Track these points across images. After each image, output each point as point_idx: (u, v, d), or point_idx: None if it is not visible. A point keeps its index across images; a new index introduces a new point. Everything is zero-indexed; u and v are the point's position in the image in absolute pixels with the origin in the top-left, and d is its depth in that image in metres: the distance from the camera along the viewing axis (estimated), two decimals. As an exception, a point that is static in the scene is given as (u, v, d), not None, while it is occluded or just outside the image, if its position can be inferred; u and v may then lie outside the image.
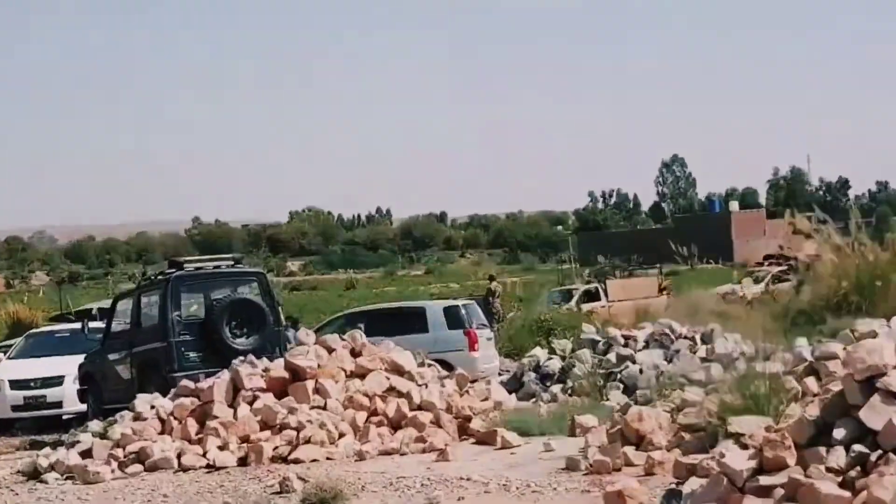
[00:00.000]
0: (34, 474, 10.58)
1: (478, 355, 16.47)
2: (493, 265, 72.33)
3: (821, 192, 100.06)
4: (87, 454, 10.70)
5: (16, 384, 16.30)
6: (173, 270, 15.19)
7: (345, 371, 11.84)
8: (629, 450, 8.60)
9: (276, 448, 10.41)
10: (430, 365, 12.86)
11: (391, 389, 11.60)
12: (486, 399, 12.34)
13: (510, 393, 13.31)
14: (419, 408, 11.34)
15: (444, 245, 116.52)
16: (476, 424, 11.10)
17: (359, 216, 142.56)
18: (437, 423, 11.08)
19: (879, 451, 6.25)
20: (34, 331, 20.00)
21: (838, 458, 6.45)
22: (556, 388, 13.64)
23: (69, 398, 16.04)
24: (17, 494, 9.81)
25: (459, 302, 19.07)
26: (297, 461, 10.07)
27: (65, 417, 16.11)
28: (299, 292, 53.97)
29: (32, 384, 16.32)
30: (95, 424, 11.85)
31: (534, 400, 13.31)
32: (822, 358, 8.54)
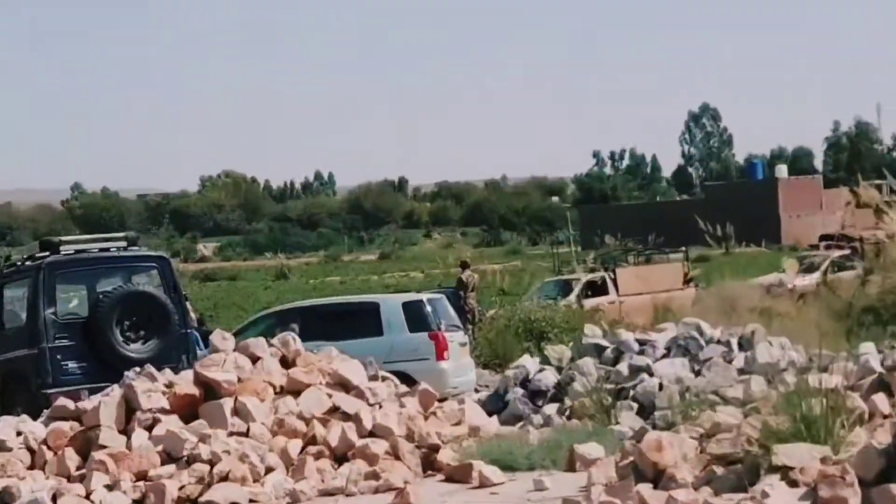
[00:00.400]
0: None
1: (448, 366, 16.40)
2: (467, 248, 72.36)
3: (895, 154, 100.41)
4: None
5: None
6: (47, 254, 15.05)
7: (273, 386, 11.66)
8: (645, 488, 8.30)
9: (182, 487, 10.12)
10: (385, 378, 12.65)
11: (334, 410, 11.44)
12: (458, 423, 12.16)
13: (490, 415, 13.11)
14: (371, 434, 11.17)
15: (404, 222, 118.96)
16: (446, 456, 10.91)
17: (292, 184, 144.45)
18: (394, 454, 10.89)
19: None
20: None
21: None
22: (551, 409, 13.43)
23: None
24: None
25: (424, 296, 19.08)
26: (208, 503, 9.90)
27: None
28: (214, 283, 54.57)
29: None
30: None
31: (521, 424, 13.08)
32: (894, 369, 9.08)
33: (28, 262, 15.69)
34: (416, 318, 17.17)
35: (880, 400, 9.01)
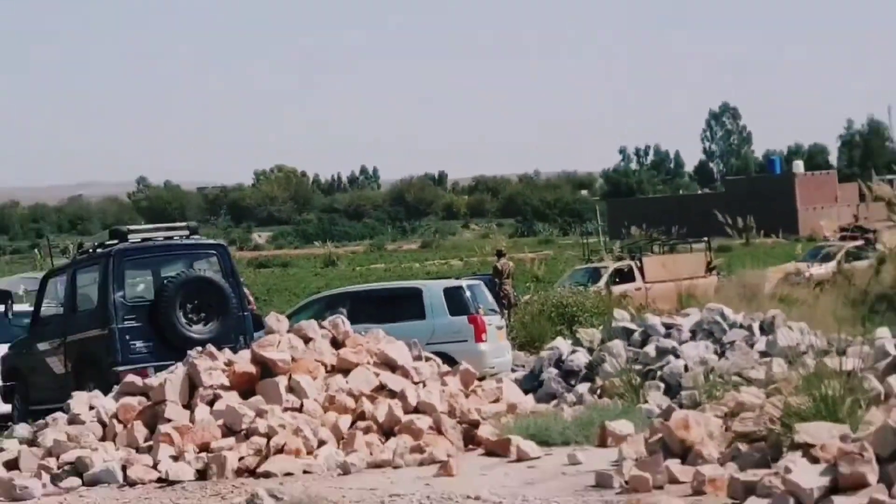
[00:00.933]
0: None
1: (486, 347, 16.66)
2: (502, 238, 70.92)
3: None
4: (12, 465, 10.66)
5: None
6: (115, 242, 15.18)
7: (325, 365, 11.80)
8: (673, 463, 8.49)
9: (241, 459, 10.31)
10: (428, 359, 12.80)
11: (381, 388, 11.59)
12: (496, 400, 12.29)
13: (526, 393, 13.26)
14: (415, 410, 11.30)
15: (444, 213, 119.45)
16: (485, 431, 11.01)
17: (339, 178, 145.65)
18: (437, 429, 11.01)
19: None
20: None
21: None
22: (583, 388, 13.51)
23: None
24: None
25: (463, 282, 19.31)
26: (267, 475, 10.02)
27: None
28: (267, 270, 54.98)
29: None
30: (23, 429, 11.88)
31: (555, 402, 13.17)
32: None
33: (99, 250, 15.88)
34: (456, 302, 17.37)
35: (895, 381, 8.97)
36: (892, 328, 11.27)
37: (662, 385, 12.83)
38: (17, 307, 18.46)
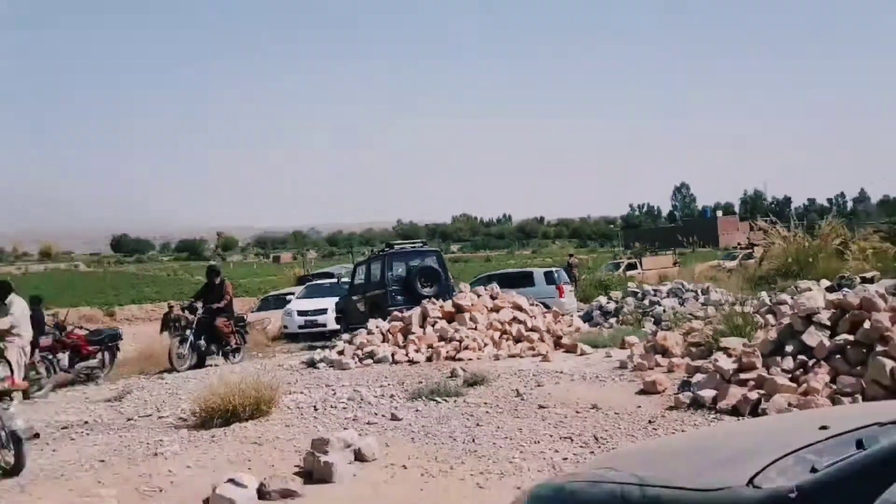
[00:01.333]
0: (312, 364, 12.09)
1: (564, 300, 17.96)
2: (572, 248, 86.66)
3: (773, 205, 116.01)
4: (341, 353, 12.20)
5: (300, 313, 19.26)
6: (388, 249, 17.09)
7: (487, 308, 13.02)
8: (658, 357, 9.33)
9: (448, 352, 11.55)
10: (536, 305, 13.99)
11: (514, 319, 12.77)
12: (570, 325, 13.58)
13: (584, 322, 14.45)
14: (531, 329, 12.53)
15: (542, 236, 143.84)
16: (565, 340, 12.16)
17: (491, 219, 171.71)
18: (541, 339, 12.23)
19: (814, 359, 7.07)
20: (311, 283, 23.76)
21: (788, 363, 7.20)
22: (613, 320, 14.52)
23: (330, 321, 18.41)
24: (302, 374, 11.05)
25: (553, 269, 20.49)
26: (459, 360, 11.13)
27: (327, 332, 17.92)
28: (458, 263, 60.67)
29: (310, 312, 19.18)
30: (345, 337, 13.43)
31: (598, 326, 14.09)
32: (777, 303, 9.54)
33: (380, 252, 17.42)
34: (550, 278, 18.99)
35: (770, 318, 9.35)
36: (767, 292, 12.08)
37: (652, 319, 13.83)
38: (344, 279, 20.85)
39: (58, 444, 7.69)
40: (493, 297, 13.50)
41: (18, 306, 11.38)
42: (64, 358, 13.17)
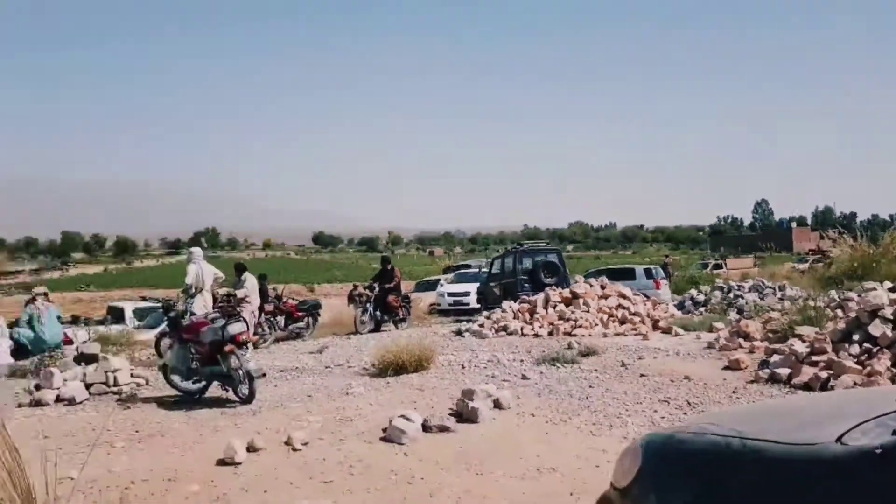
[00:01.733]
0: (459, 333, 12.07)
1: (661, 291, 17.32)
2: (667, 250, 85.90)
3: (841, 219, 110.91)
4: (481, 326, 12.06)
5: (450, 294, 19.75)
6: (518, 247, 17.13)
7: (597, 295, 12.72)
8: (741, 340, 8.84)
9: (565, 329, 11.29)
10: (637, 294, 13.49)
11: (620, 305, 12.44)
12: (666, 312, 12.85)
13: (678, 310, 13.95)
14: (633, 314, 12.11)
15: (642, 240, 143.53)
16: (661, 324, 11.69)
17: (600, 225, 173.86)
18: (642, 321, 11.83)
19: (878, 347, 6.81)
20: (460, 271, 23.43)
21: (855, 349, 6.95)
22: (702, 309, 14.13)
23: (472, 301, 18.55)
24: (452, 341, 11.02)
25: (652, 266, 19.99)
26: (574, 335, 10.88)
27: (470, 309, 17.99)
28: (572, 260, 60.48)
29: (457, 294, 19.57)
30: (485, 314, 13.21)
31: (690, 314, 13.72)
32: (844, 300, 9.14)
33: (511, 249, 17.35)
34: (649, 273, 18.44)
35: (839, 312, 8.78)
36: (836, 290, 11.38)
37: (736, 309, 13.23)
38: (483, 269, 20.70)
39: (278, 382, 8.05)
40: (602, 287, 13.17)
41: (250, 282, 12.36)
42: (281, 320, 13.81)
